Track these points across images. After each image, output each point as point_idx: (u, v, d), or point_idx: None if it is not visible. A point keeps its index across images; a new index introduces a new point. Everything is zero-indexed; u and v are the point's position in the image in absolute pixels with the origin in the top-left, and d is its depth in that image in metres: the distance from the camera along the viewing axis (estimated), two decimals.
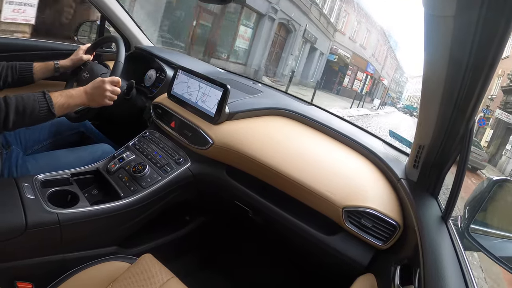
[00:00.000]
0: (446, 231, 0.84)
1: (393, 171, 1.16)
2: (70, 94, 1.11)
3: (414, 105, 65.17)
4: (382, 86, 44.33)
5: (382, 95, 43.79)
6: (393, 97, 63.55)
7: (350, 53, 28.17)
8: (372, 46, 32.67)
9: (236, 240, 1.71)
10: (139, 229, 1.23)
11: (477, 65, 0.63)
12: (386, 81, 43.63)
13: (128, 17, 1.82)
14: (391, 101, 59.29)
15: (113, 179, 1.21)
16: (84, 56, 1.43)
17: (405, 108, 55.56)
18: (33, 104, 0.99)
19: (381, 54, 37.38)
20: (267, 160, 1.15)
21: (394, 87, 64.29)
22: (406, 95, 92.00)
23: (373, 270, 0.96)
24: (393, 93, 63.95)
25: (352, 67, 30.22)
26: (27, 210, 0.93)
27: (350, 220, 1.02)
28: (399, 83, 69.90)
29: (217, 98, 1.27)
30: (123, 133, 1.56)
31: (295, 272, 1.58)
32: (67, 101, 1.09)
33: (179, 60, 1.70)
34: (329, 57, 25.87)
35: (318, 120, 1.44)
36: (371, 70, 33.53)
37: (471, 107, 0.74)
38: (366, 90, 33.61)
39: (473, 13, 0.54)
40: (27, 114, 0.97)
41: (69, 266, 0.97)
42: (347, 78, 30.35)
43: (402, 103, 70.92)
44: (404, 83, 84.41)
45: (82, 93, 1.14)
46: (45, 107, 1.01)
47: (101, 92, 1.17)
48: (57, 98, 1.05)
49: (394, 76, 60.34)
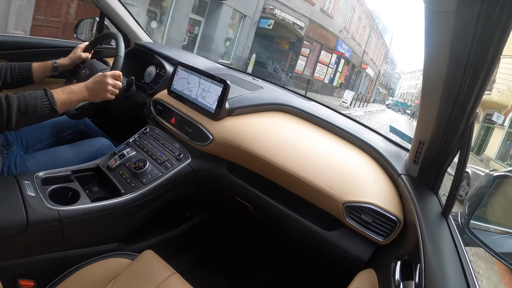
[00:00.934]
0: (446, 227, 0.85)
1: (393, 166, 1.16)
2: (72, 90, 1.11)
3: (408, 103, 61.44)
4: (367, 78, 35.14)
5: (368, 89, 36.71)
6: (382, 93, 57.12)
7: (305, 21, 17.85)
8: (343, 14, 21.48)
9: (237, 235, 1.71)
10: (140, 226, 1.23)
11: (478, 61, 0.63)
12: (371, 71, 34.33)
13: (127, 14, 1.81)
14: (379, 97, 52.55)
15: (113, 175, 1.21)
16: (83, 54, 1.43)
17: (396, 105, 50.31)
18: (35, 102, 0.98)
19: (362, 32, 26.35)
20: (268, 156, 1.15)
21: (384, 82, 58.44)
22: (399, 92, 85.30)
23: (374, 265, 0.97)
24: (383, 88, 57.37)
25: (311, 43, 19.38)
26: (28, 208, 0.93)
27: (350, 216, 1.02)
28: (389, 77, 64.43)
29: (217, 94, 1.27)
30: (123, 130, 1.56)
31: (296, 268, 1.59)
32: (69, 97, 1.09)
33: (178, 56, 1.70)
34: (261, 23, 15.91)
35: (319, 116, 1.44)
36: (343, 50, 22.84)
37: (471, 102, 0.73)
38: (340, 80, 24.69)
39: (473, 8, 0.54)
40: (29, 112, 0.97)
41: (71, 263, 0.97)
42: (302, 60, 19.25)
43: (392, 99, 62.01)
44: (396, 79, 78.68)
45: (84, 88, 1.14)
46: (47, 105, 1.01)
47: (102, 86, 1.17)
48: (58, 95, 1.05)
49: (385, 68, 50.62)
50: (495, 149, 12.80)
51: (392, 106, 52.65)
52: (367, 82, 36.21)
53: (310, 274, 1.48)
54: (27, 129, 1.35)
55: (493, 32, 0.56)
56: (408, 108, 52.83)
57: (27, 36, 3.96)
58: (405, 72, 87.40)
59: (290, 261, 1.61)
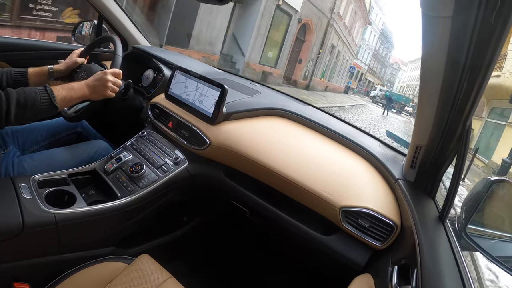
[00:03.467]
0: (443, 231, 0.85)
1: (390, 171, 1.16)
2: (72, 86, 1.11)
3: (410, 97, 43.15)
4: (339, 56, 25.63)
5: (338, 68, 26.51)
6: (369, 81, 45.02)
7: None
8: None
9: (234, 240, 1.71)
10: (136, 230, 1.23)
11: (475, 66, 0.64)
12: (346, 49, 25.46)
13: (126, 17, 1.82)
14: (363, 86, 40.92)
15: (110, 179, 1.21)
16: (79, 60, 1.41)
17: (388, 98, 26.97)
18: (35, 97, 0.98)
19: None
20: (265, 161, 1.15)
21: (376, 67, 48.78)
22: (399, 85, 70.24)
23: (371, 270, 0.97)
24: (374, 77, 46.74)
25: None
26: (24, 211, 0.93)
27: (347, 220, 1.02)
28: (383, 62, 53.76)
29: (215, 99, 1.27)
30: (120, 133, 1.56)
31: (292, 272, 1.58)
32: (69, 93, 1.09)
33: (176, 60, 1.70)
34: None
35: (316, 121, 1.44)
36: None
37: (468, 107, 0.74)
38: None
39: (470, 13, 0.54)
40: (28, 106, 0.97)
41: (66, 266, 0.96)
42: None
43: (381, 88, 41.34)
44: (395, 71, 66.28)
45: (84, 85, 1.14)
46: (47, 99, 1.01)
47: (103, 83, 1.17)
48: (58, 91, 1.05)
49: (374, 45, 41.05)
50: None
51: (379, 99, 34.84)
52: (342, 61, 27.88)
53: (307, 279, 1.48)
54: (23, 129, 1.35)
55: (489, 37, 0.57)
56: (408, 104, 35.92)
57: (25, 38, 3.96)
58: (405, 62, 72.26)
59: (286, 266, 1.60)
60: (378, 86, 39.55)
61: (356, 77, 41.82)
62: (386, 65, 59.09)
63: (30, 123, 1.41)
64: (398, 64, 68.18)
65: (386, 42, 52.68)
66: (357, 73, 41.02)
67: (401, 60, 70.79)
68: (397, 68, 68.57)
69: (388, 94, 31.96)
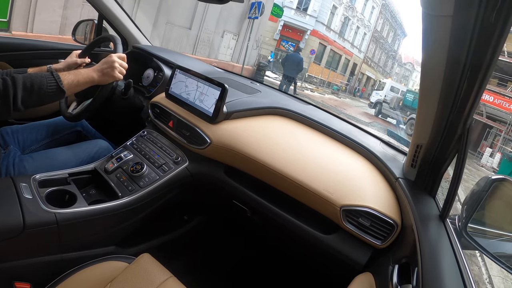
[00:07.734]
0: (444, 230, 0.85)
1: (391, 170, 1.16)
2: (79, 71, 1.11)
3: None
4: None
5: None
6: (371, 80, 33.35)
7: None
8: None
9: (234, 239, 1.71)
10: (137, 229, 1.23)
11: (475, 65, 0.64)
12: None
13: (126, 17, 1.82)
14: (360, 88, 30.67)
15: (111, 178, 1.21)
16: (79, 60, 1.40)
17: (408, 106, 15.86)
18: (41, 81, 0.98)
19: None
20: (265, 160, 1.15)
21: (376, 58, 33.60)
22: (413, 88, 34.63)
23: (371, 269, 0.97)
24: (373, 70, 33.23)
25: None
26: (24, 210, 0.93)
27: (348, 219, 1.02)
28: (388, 53, 37.31)
29: (215, 98, 1.27)
30: (120, 133, 1.56)
31: (294, 271, 1.59)
32: (76, 77, 1.08)
33: (177, 59, 1.70)
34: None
35: (316, 120, 1.44)
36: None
37: (468, 106, 0.74)
38: None
39: (471, 12, 0.54)
40: (35, 90, 0.96)
41: (67, 266, 0.96)
42: None
43: (392, 86, 19.83)
44: (409, 73, 49.82)
45: (91, 71, 1.14)
46: (54, 83, 1.01)
47: (111, 65, 1.17)
48: (65, 75, 1.05)
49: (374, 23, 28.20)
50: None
51: (389, 108, 17.76)
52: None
53: (308, 277, 1.48)
54: (23, 129, 1.35)
55: (490, 36, 0.57)
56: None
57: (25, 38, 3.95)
58: (420, 62, 57.38)
59: (287, 265, 1.60)
60: (386, 81, 21.79)
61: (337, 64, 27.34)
62: (394, 58, 41.95)
63: (36, 111, 1.39)
64: (412, 64, 50.45)
65: (394, 23, 34.92)
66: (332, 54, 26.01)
67: (415, 60, 51.25)
68: (410, 69, 50.69)
69: (411, 98, 16.77)
